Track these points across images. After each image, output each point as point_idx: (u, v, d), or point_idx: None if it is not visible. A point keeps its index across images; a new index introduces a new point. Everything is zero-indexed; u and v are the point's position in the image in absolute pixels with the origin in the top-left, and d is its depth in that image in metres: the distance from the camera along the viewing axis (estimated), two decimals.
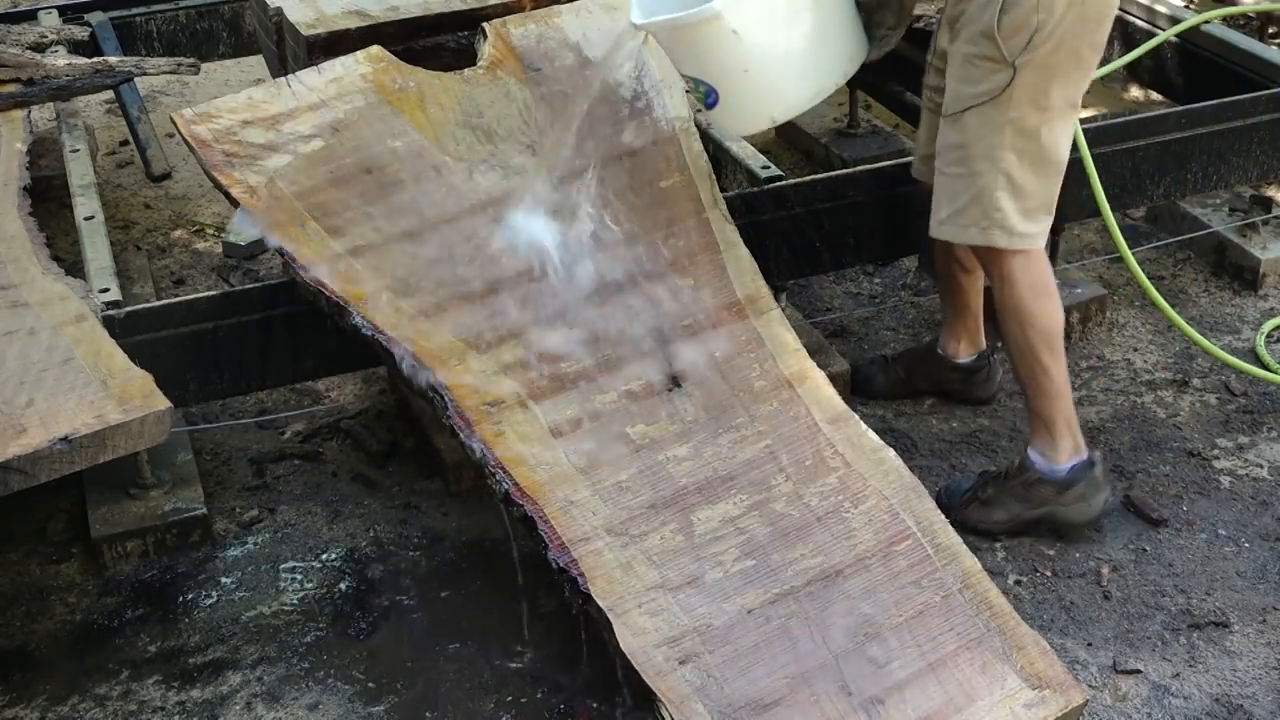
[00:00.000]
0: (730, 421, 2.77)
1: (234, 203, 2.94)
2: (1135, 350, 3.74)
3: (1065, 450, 3.02)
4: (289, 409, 3.60)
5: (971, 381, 3.51)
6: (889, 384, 3.55)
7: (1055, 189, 2.96)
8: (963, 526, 2.93)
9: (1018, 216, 2.91)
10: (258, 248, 4.15)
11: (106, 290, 3.02)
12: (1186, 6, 4.90)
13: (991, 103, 2.85)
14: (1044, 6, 2.77)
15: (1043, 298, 2.98)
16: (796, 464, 2.72)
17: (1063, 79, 2.85)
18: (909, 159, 3.68)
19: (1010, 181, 2.89)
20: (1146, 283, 3.52)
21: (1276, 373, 3.61)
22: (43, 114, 4.24)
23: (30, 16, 4.40)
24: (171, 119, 3.07)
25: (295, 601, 3.03)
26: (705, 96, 2.98)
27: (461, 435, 2.66)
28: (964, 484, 3.16)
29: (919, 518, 2.66)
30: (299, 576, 3.10)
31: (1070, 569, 3.04)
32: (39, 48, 4.03)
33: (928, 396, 3.55)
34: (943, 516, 2.68)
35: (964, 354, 3.49)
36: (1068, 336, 3.75)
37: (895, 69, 4.14)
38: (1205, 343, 3.60)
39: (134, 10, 4.48)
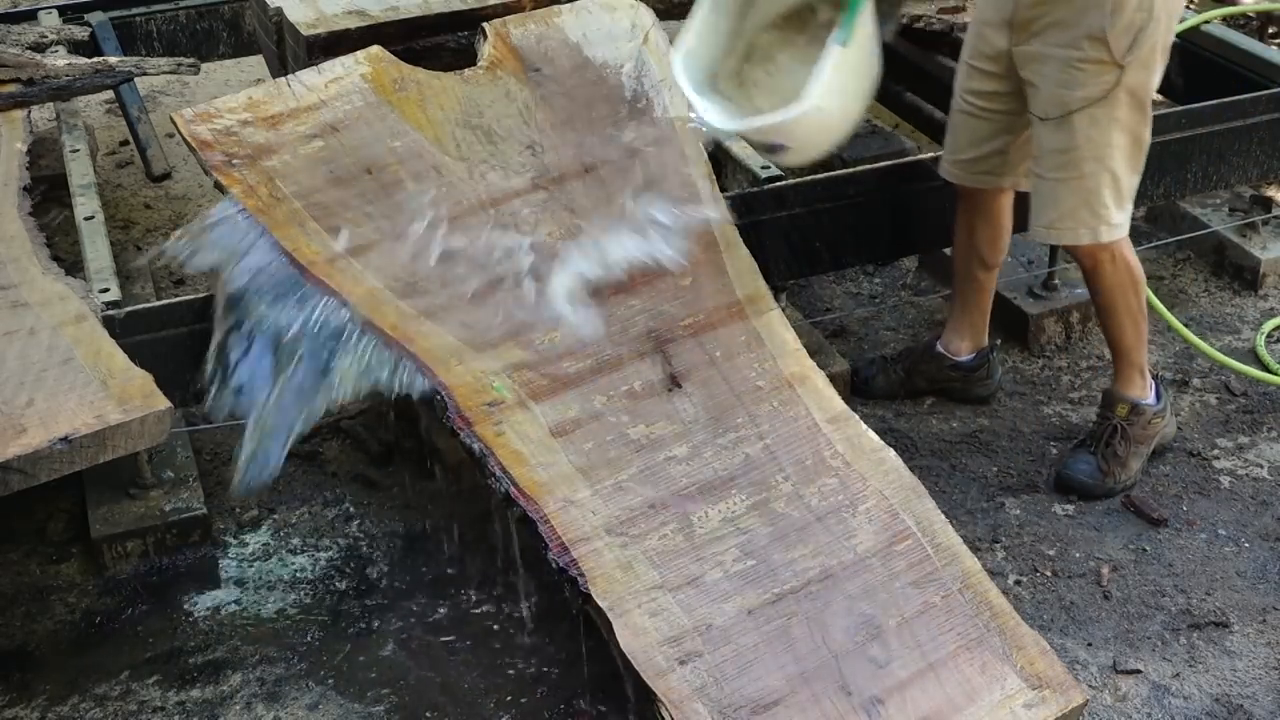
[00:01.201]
0: (730, 421, 2.77)
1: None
2: None
3: (1149, 381, 3.28)
4: None
5: (971, 380, 3.52)
6: (889, 384, 3.56)
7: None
8: (1115, 494, 3.26)
9: (1117, 210, 3.08)
10: None
11: (106, 290, 3.02)
12: (1187, 6, 4.90)
13: (1100, 103, 2.96)
14: (1144, 5, 2.89)
15: (1136, 262, 3.19)
16: (796, 464, 2.72)
17: (1155, 73, 3.00)
18: (909, 159, 3.69)
19: (1114, 179, 3.04)
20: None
21: (1276, 373, 3.61)
22: (43, 114, 4.23)
23: (30, 16, 4.39)
24: (171, 119, 3.07)
25: (295, 601, 3.03)
26: (771, 149, 3.03)
27: (461, 435, 2.66)
28: (1084, 462, 3.27)
29: (919, 518, 2.66)
30: (298, 576, 3.11)
31: (1070, 569, 3.04)
32: (39, 48, 4.03)
33: (927, 396, 3.55)
34: (942, 516, 2.68)
35: (966, 352, 3.51)
36: (1067, 337, 3.76)
37: (895, 69, 4.15)
38: (1203, 345, 3.60)
39: (134, 10, 4.47)
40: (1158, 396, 3.28)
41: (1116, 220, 3.08)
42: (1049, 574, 3.03)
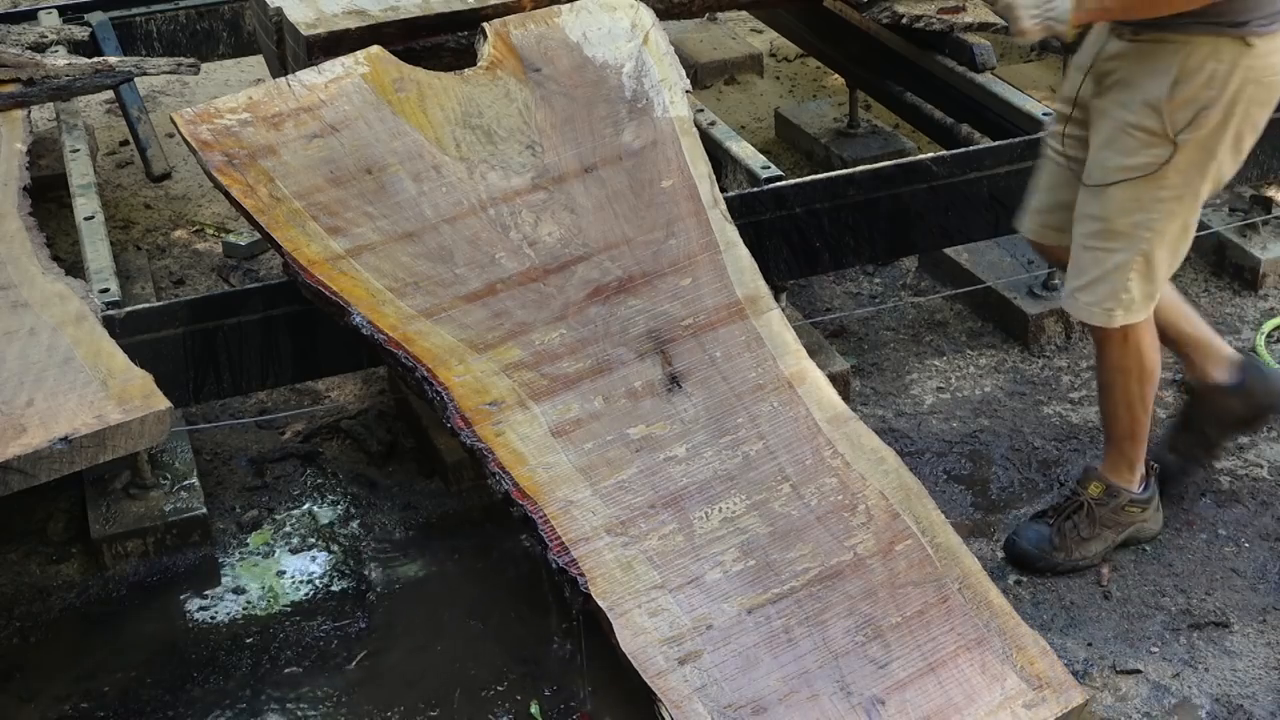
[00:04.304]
0: (730, 421, 2.77)
1: (234, 203, 2.95)
2: None
3: (1139, 476, 3.04)
4: (289, 409, 3.60)
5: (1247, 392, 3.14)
6: (1189, 450, 3.20)
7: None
8: (1061, 570, 3.01)
9: (1141, 295, 2.82)
10: (258, 248, 4.15)
11: (106, 290, 3.03)
12: None
13: (1144, 179, 2.72)
14: (1215, 82, 2.64)
15: (1154, 350, 2.92)
16: (796, 464, 2.72)
17: (1218, 161, 2.73)
18: (909, 159, 3.68)
19: (1146, 262, 2.78)
20: None
21: None
22: (43, 114, 4.24)
23: (30, 16, 4.40)
24: (171, 119, 3.07)
25: (295, 601, 3.03)
26: None
27: (461, 435, 2.66)
28: (1035, 531, 3.04)
29: (919, 518, 2.66)
30: (298, 576, 3.11)
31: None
32: (39, 48, 4.03)
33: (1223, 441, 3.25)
34: (942, 516, 2.68)
35: (1220, 372, 3.11)
36: (1067, 337, 3.76)
37: (895, 69, 4.15)
38: None
39: (134, 10, 4.48)
40: (1145, 488, 3.04)
41: (1138, 305, 2.82)
42: (1049, 574, 3.03)
